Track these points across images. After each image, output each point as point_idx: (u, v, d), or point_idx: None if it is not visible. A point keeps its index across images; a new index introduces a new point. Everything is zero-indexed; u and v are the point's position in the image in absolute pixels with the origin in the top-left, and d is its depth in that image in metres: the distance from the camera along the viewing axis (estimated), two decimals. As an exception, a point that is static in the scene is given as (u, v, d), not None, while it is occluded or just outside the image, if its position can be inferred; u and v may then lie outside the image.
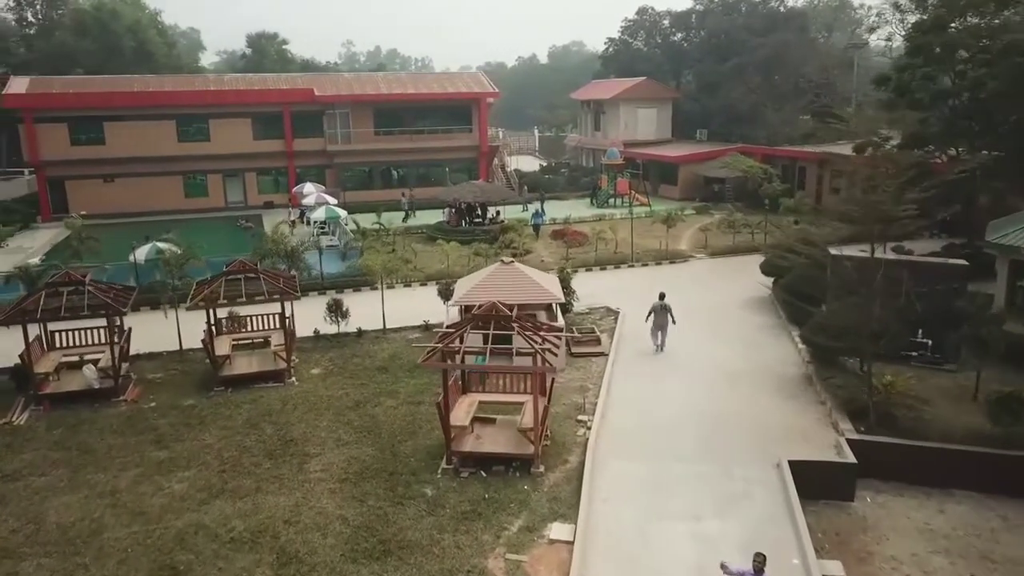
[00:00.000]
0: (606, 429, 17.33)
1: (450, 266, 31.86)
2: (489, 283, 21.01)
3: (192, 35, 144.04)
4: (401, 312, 25.24)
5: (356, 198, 48.29)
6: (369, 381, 20.60)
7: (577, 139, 67.22)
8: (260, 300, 20.42)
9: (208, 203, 49.05)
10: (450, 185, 49.46)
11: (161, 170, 47.70)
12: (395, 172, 53.01)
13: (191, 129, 48.51)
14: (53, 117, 45.62)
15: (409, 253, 34.14)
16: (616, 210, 47.11)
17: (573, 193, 53.97)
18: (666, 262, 33.59)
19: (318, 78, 53.69)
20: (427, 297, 26.25)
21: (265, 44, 79.37)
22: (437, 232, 39.22)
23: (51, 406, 18.98)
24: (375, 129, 51.29)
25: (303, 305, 24.68)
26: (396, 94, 51.40)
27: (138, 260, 27.53)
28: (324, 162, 50.57)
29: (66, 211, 46.44)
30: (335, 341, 23.64)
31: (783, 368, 20.84)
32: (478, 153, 53.06)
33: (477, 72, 58.51)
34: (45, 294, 18.91)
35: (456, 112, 52.89)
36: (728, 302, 27.08)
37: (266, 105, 48.98)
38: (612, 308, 26.38)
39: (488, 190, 40.51)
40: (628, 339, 23.36)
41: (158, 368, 21.81)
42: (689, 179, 50.75)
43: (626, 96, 57.36)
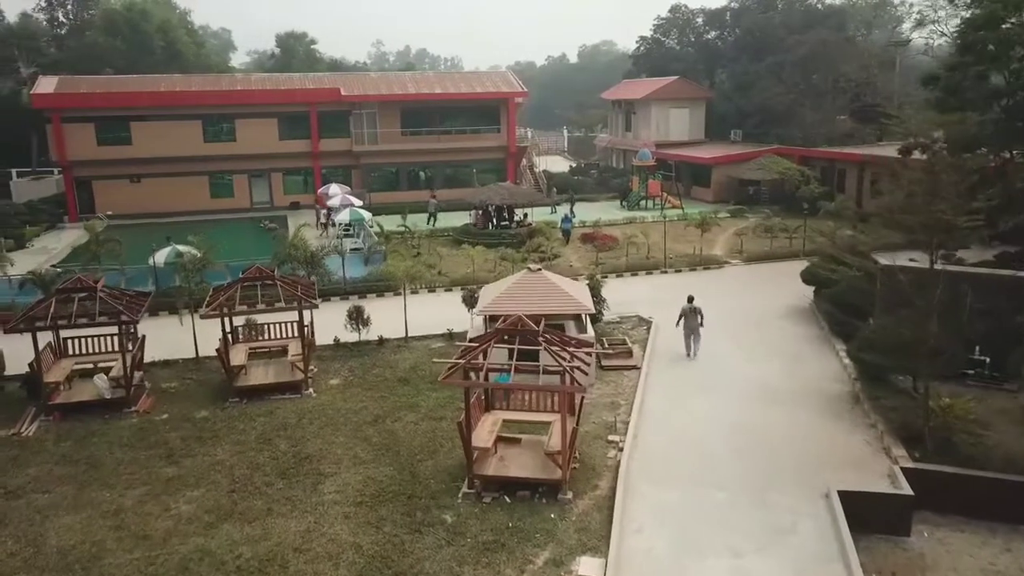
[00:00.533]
0: (639, 451, 16.25)
1: (475, 271, 30.97)
2: (515, 292, 20.02)
3: (223, 35, 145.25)
4: (424, 319, 24.36)
5: (382, 199, 47.61)
6: (389, 394, 19.71)
7: (607, 140, 66.00)
8: (278, 308, 19.59)
9: (234, 204, 48.67)
10: (477, 186, 48.65)
11: (187, 170, 47.41)
12: (422, 173, 52.23)
13: (217, 129, 48.17)
14: (80, 117, 45.51)
15: (434, 257, 33.31)
16: (647, 213, 45.93)
17: (603, 195, 52.83)
18: (700, 268, 32.34)
19: (345, 77, 53.09)
20: (451, 303, 25.33)
21: (294, 44, 79.24)
22: (463, 235, 38.36)
23: (62, 416, 18.35)
24: (402, 129, 50.55)
25: (324, 311, 23.87)
26: (423, 94, 50.63)
27: (157, 263, 26.98)
28: (350, 163, 49.95)
29: (93, 211, 46.49)
30: (355, 350, 22.80)
31: (827, 385, 19.57)
32: (506, 154, 52.11)
33: (506, 71, 57.57)
34: (56, 300, 18.28)
35: (484, 112, 51.99)
36: (767, 311, 25.81)
37: (292, 105, 48.48)
38: (644, 317, 25.25)
39: (516, 192, 39.52)
40: (661, 351, 22.23)
41: (173, 377, 21.12)
42: (723, 181, 49.32)
43: (658, 96, 56.03)
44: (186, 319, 21.61)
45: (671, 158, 52.45)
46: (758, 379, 20.00)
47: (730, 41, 62.80)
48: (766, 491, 14.53)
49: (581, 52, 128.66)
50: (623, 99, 60.96)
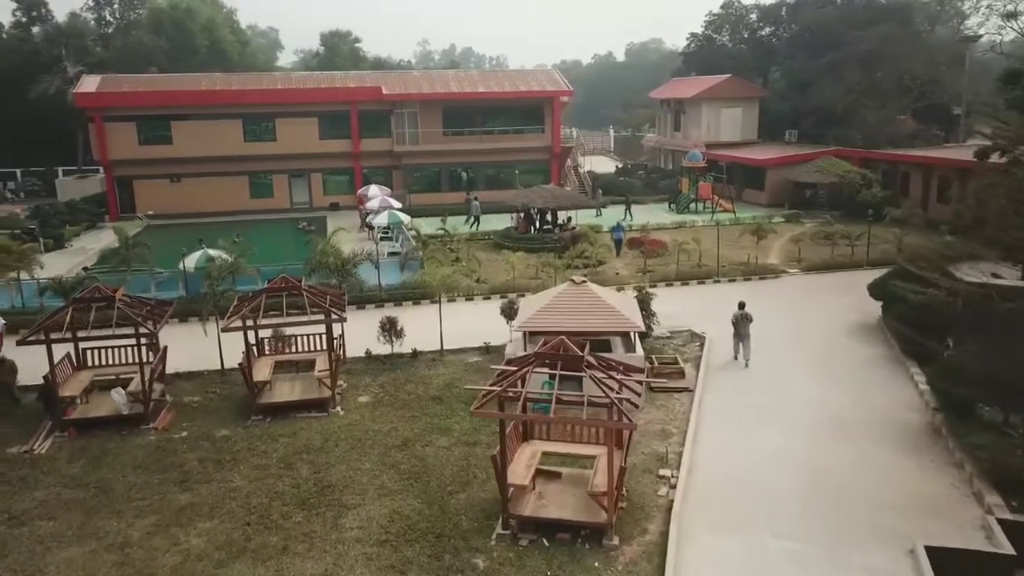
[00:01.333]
0: (693, 489, 14.61)
1: (516, 278, 29.54)
2: (557, 305, 18.53)
3: (271, 35, 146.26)
4: (461, 330, 23.01)
5: (422, 201, 46.50)
6: (421, 413, 18.36)
7: (655, 140, 63.95)
8: (303, 322, 18.39)
9: (273, 204, 48.03)
10: (520, 188, 47.24)
11: (227, 170, 46.91)
12: (464, 174, 50.97)
13: (257, 128, 47.56)
14: (122, 116, 45.30)
15: (472, 263, 31.96)
16: (697, 216, 43.98)
17: (651, 197, 50.96)
18: (755, 277, 30.40)
19: (386, 76, 52.10)
20: (490, 313, 23.90)
21: (338, 42, 78.82)
22: (504, 239, 36.97)
23: (77, 432, 17.41)
24: (444, 129, 49.35)
25: (358, 319, 22.74)
26: (466, 93, 49.33)
27: (187, 268, 26.12)
28: (391, 163, 48.93)
29: (133, 211, 46.32)
30: (387, 363, 21.53)
31: (902, 415, 17.65)
32: (550, 154, 50.56)
33: (551, 69, 56.01)
34: (73, 310, 17.35)
35: (528, 112, 50.52)
36: (830, 328, 23.86)
37: (333, 104, 47.61)
38: (697, 333, 23.50)
39: (559, 195, 37.95)
40: (717, 371, 20.51)
41: (196, 390, 20.09)
42: (777, 184, 47.04)
43: (709, 95, 53.86)
44: (212, 328, 20.57)
45: (722, 159, 50.30)
46: (825, 406, 18.17)
47: (785, 38, 60.26)
48: (840, 544, 12.78)
49: (628, 50, 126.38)
50: (672, 98, 58.90)
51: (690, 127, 55.97)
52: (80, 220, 42.17)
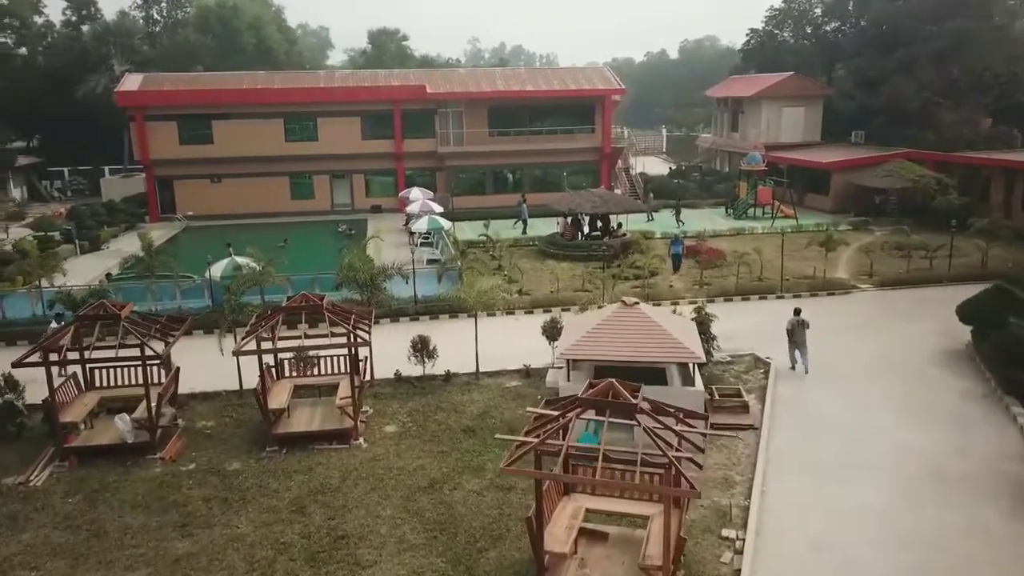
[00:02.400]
0: (764, 557, 12.42)
1: (560, 290, 27.54)
2: (605, 330, 16.46)
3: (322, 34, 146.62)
4: (499, 349, 21.11)
5: (466, 203, 44.77)
6: (451, 448, 16.49)
7: (711, 140, 61.18)
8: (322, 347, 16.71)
9: (314, 206, 46.82)
10: (568, 190, 45.17)
11: (268, 170, 45.84)
12: (510, 176, 49.08)
13: (299, 128, 46.39)
14: (163, 115, 44.56)
15: (515, 272, 30.05)
16: (757, 222, 41.37)
17: (706, 201, 48.43)
18: (823, 293, 27.85)
19: (431, 74, 50.47)
20: (531, 329, 21.93)
21: (385, 40, 77.74)
22: (549, 246, 34.97)
23: (78, 462, 15.97)
24: (489, 129, 47.50)
25: (390, 334, 21.07)
26: (513, 91, 47.37)
27: (213, 277, 24.73)
28: (434, 164, 47.30)
29: (174, 212, 45.57)
30: (418, 386, 19.73)
31: (1012, 467, 15.16)
32: (600, 155, 48.35)
33: (602, 67, 53.74)
34: (76, 328, 15.93)
35: (578, 111, 48.38)
36: (913, 355, 21.30)
37: (376, 103, 46.13)
38: (761, 358, 21.17)
39: (609, 200, 35.74)
40: (786, 404, 18.21)
41: (211, 413, 18.55)
42: (843, 189, 44.06)
43: (770, 93, 51.01)
44: (230, 344, 19.03)
45: (783, 161, 47.46)
46: (918, 453, 15.75)
47: (852, 33, 56.93)
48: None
49: (683, 47, 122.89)
50: (730, 97, 56.13)
51: (749, 127, 53.21)
52: (118, 221, 41.44)
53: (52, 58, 58.87)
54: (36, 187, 56.05)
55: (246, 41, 62.31)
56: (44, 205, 52.95)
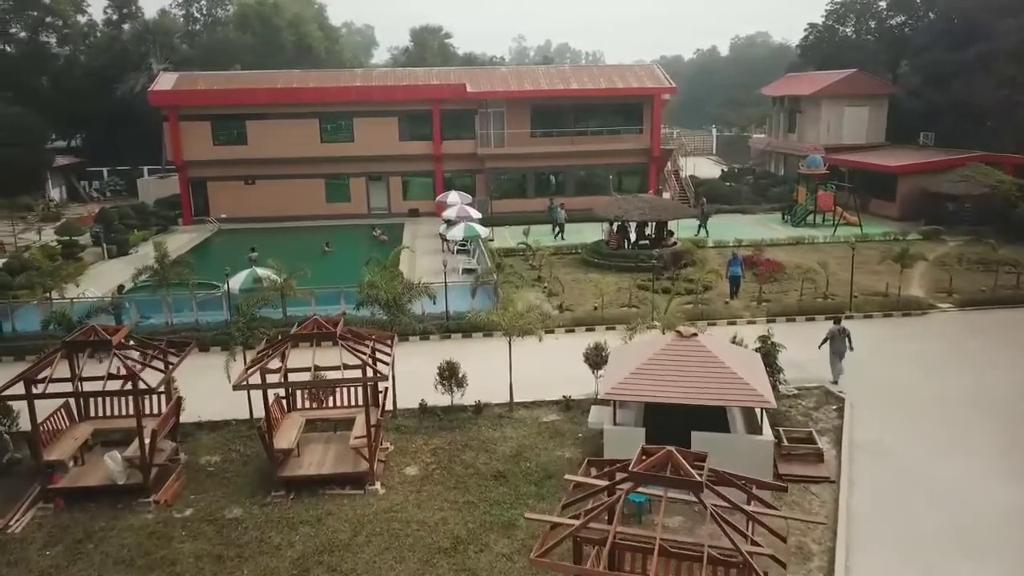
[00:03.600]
0: (854, 664, 10.11)
1: (605, 305, 25.33)
2: (657, 366, 14.28)
3: (367, 32, 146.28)
4: (536, 375, 19.05)
5: (507, 207, 42.78)
6: (479, 498, 14.45)
7: (766, 141, 58.13)
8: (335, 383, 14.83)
9: (350, 209, 45.28)
10: (613, 194, 42.89)
11: (303, 172, 44.44)
12: (552, 179, 46.93)
13: (334, 128, 44.93)
14: (196, 115, 43.47)
15: (555, 284, 27.93)
16: (817, 230, 38.60)
17: (760, 206, 45.70)
18: (897, 313, 25.12)
19: (472, 72, 48.51)
20: (573, 351, 19.84)
21: (428, 38, 76.26)
22: (593, 255, 32.76)
23: (65, 503, 14.33)
24: (532, 130, 45.40)
25: (417, 353, 19.09)
26: (557, 90, 45.17)
27: (232, 289, 23.11)
28: (474, 166, 45.37)
29: (207, 214, 44.48)
30: (445, 419, 17.74)
31: None
32: (648, 157, 45.88)
33: (652, 65, 51.16)
34: (62, 356, 14.30)
35: (625, 110, 45.99)
36: (1012, 390, 18.63)
37: (414, 103, 44.38)
38: (832, 391, 18.72)
39: (658, 206, 33.35)
40: (866, 452, 15.76)
41: (217, 446, 16.81)
42: (911, 194, 40.93)
43: (831, 91, 47.90)
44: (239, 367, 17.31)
45: (845, 164, 44.46)
46: (1030, 522, 13.23)
47: (921, 27, 53.40)
48: None
49: (734, 44, 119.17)
50: (787, 95, 53.08)
51: (807, 128, 50.19)
52: (149, 224, 40.38)
53: (93, 57, 58.59)
54: (75, 187, 55.70)
55: (286, 39, 61.28)
56: (82, 206, 52.52)
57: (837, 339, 19.15)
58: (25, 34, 59.07)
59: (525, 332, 17.61)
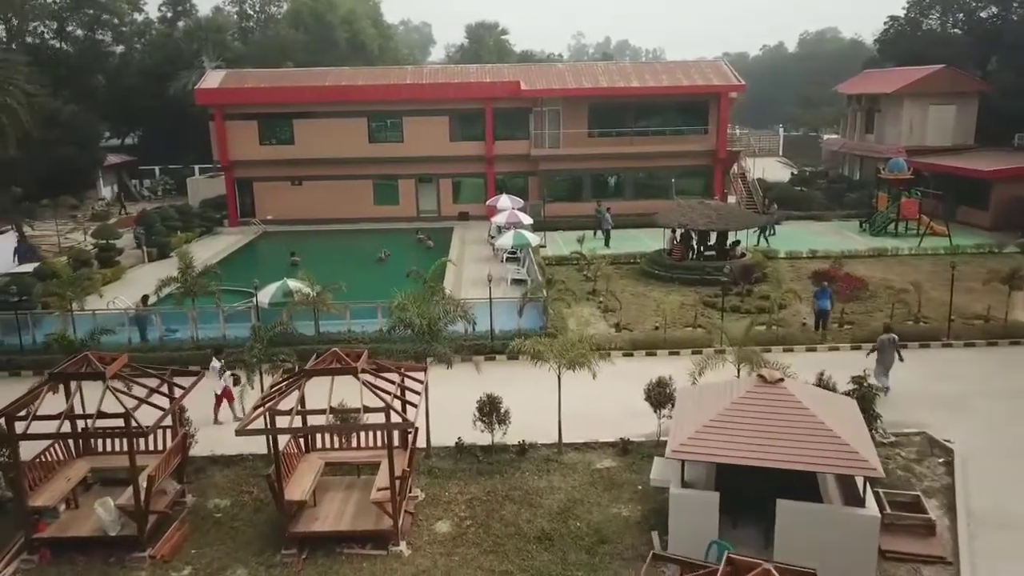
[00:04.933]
0: None
1: (667, 326, 22.86)
2: (736, 419, 11.91)
3: (424, 30, 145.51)
4: (589, 407, 16.91)
5: (560, 211, 40.48)
6: (519, 567, 12.29)
7: (840, 142, 54.46)
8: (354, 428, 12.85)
9: (399, 212, 43.56)
10: (675, 199, 40.27)
11: (350, 173, 42.94)
12: (610, 181, 44.47)
13: (383, 128, 43.31)
14: (243, 114, 42.35)
15: (611, 299, 25.58)
16: (900, 241, 35.33)
17: (834, 212, 42.44)
18: (1003, 342, 22.03)
19: (526, 69, 46.28)
20: (631, 381, 17.59)
21: (484, 34, 74.43)
22: (653, 266, 30.28)
23: (51, 555, 12.68)
24: (589, 130, 43.01)
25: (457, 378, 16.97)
26: (617, 88, 42.65)
27: (261, 303, 21.43)
28: (527, 168, 43.19)
29: (253, 215, 43.38)
30: (485, 461, 15.61)
31: None
32: (713, 159, 43.03)
33: (718, 61, 48.19)
34: (49, 389, 12.65)
35: (689, 109, 43.23)
36: None
37: (466, 101, 42.39)
38: (937, 439, 15.98)
39: (727, 214, 30.62)
40: (988, 523, 13.06)
41: (228, 487, 14.99)
42: (1007, 202, 37.30)
43: (914, 89, 44.23)
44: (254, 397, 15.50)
45: (930, 169, 40.88)
46: None
47: (1015, 18, 49.10)
48: None
49: (802, 40, 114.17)
50: (865, 93, 49.46)
51: (887, 128, 46.59)
52: (193, 225, 39.32)
53: (147, 55, 58.27)
54: (127, 186, 55.44)
55: (339, 36, 60.09)
56: (134, 204, 52.14)
57: (887, 350, 17.99)
58: (82, 32, 59.15)
59: (576, 363, 15.34)
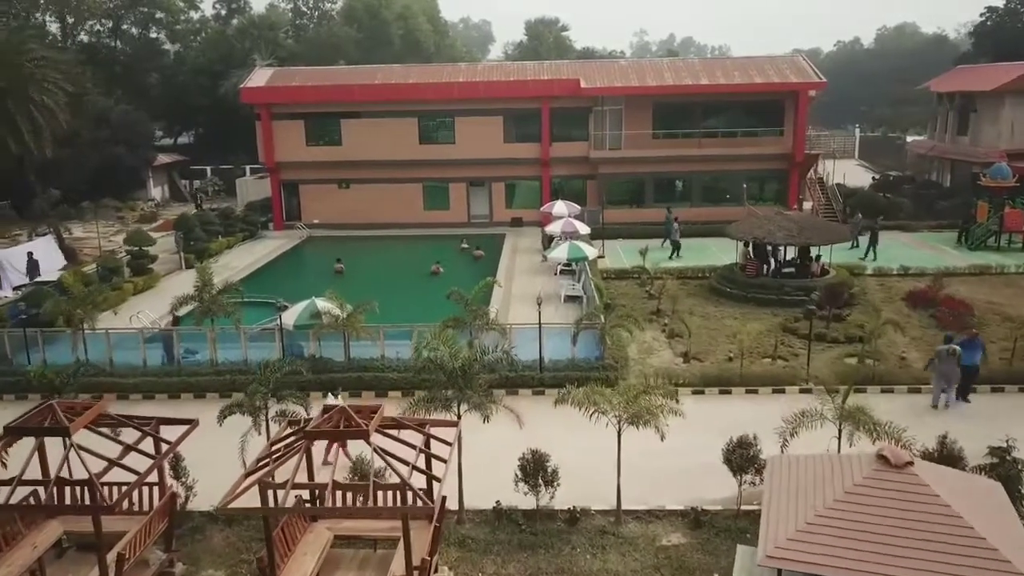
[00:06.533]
0: None
1: (745, 357, 19.91)
2: (850, 516, 9.10)
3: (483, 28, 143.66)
4: (652, 463, 14.19)
5: (620, 217, 37.58)
6: None
7: (930, 145, 50.11)
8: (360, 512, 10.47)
9: (449, 217, 41.38)
10: (747, 205, 37.10)
11: (400, 176, 40.93)
12: (676, 185, 41.45)
13: (434, 128, 41.17)
14: (289, 113, 40.72)
15: (678, 322, 22.74)
16: (1004, 257, 31.53)
17: (923, 223, 38.49)
18: None
19: (586, 67, 43.47)
20: (702, 426, 14.86)
21: (543, 31, 71.87)
22: (724, 282, 27.29)
23: (6, 642, 10.66)
24: (653, 131, 40.05)
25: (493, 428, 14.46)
26: (684, 86, 39.51)
27: (287, 325, 19.31)
28: (586, 171, 40.46)
29: (299, 218, 41.80)
30: (527, 530, 13.07)
31: None
32: (789, 163, 39.58)
33: (796, 56, 44.51)
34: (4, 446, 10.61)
35: (763, 109, 39.90)
36: None
37: (521, 100, 39.87)
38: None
39: (810, 226, 27.32)
40: None
41: (228, 551, 12.78)
42: None
43: (1018, 86, 39.93)
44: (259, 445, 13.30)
45: (1037, 175, 36.66)
46: None
47: None
48: None
49: (879, 36, 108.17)
50: (958, 91, 45.21)
51: (984, 130, 42.42)
52: (235, 230, 37.78)
53: (200, 53, 57.47)
54: (177, 187, 54.69)
55: (394, 33, 58.30)
56: (184, 205, 51.27)
57: (946, 361, 17.04)
58: (136, 31, 58.73)
59: (638, 418, 12.67)
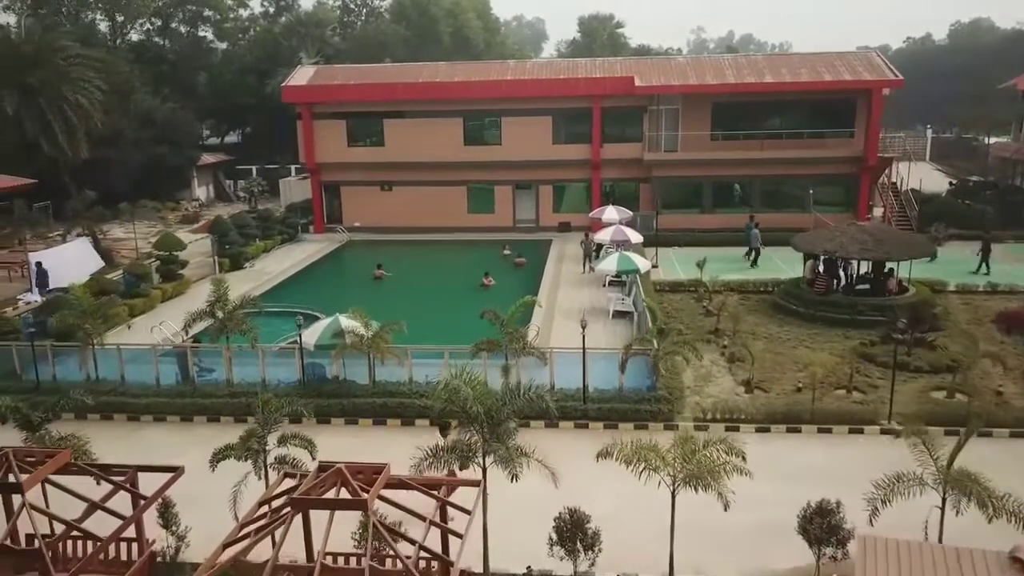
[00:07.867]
0: None
1: (817, 389, 17.56)
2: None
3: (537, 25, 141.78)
4: (708, 520, 11.98)
5: (676, 224, 35.22)
6: None
7: (1013, 147, 46.41)
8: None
9: (494, 221, 39.59)
10: (814, 213, 34.46)
11: (444, 179, 39.28)
12: (736, 189, 38.93)
13: (480, 128, 39.42)
14: (331, 113, 39.43)
15: (739, 345, 20.48)
16: (1106, 275, 28.23)
17: (1008, 232, 35.21)
18: None
19: (641, 64, 41.14)
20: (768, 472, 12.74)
21: (597, 27, 69.63)
22: (789, 298, 24.90)
23: None
24: (712, 132, 37.57)
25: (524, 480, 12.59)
26: (747, 84, 36.87)
27: (307, 345, 17.71)
28: (638, 174, 38.16)
29: (340, 221, 40.50)
30: (563, 604, 11.16)
31: None
32: (860, 167, 36.66)
33: (869, 52, 41.42)
34: None
35: (832, 108, 37.12)
36: None
37: (571, 99, 37.82)
38: None
39: (889, 239, 24.63)
40: None
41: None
42: None
43: (1118, 84, 36.42)
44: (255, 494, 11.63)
45: None
46: None
47: None
48: None
49: (952, 31, 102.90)
50: (1048, 90, 41.61)
51: (1078, 132, 38.76)
52: (273, 232, 36.62)
53: (248, 52, 56.90)
54: (222, 187, 54.13)
55: (443, 30, 56.82)
56: (228, 206, 50.61)
57: None
58: (184, 29, 58.45)
59: (695, 478, 10.59)
